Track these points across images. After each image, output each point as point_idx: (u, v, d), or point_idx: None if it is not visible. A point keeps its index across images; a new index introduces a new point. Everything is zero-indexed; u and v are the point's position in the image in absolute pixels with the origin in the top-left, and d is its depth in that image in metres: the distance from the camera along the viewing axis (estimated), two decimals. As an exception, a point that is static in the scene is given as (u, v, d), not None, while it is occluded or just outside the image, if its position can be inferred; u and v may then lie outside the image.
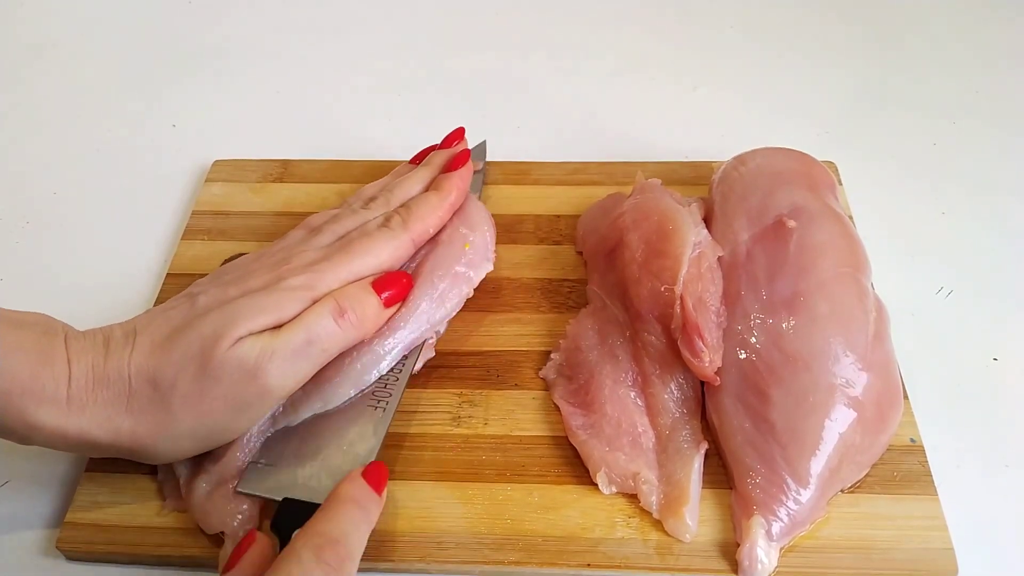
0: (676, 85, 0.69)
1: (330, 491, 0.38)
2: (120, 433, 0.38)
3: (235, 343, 0.38)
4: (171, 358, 0.38)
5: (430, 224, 0.48)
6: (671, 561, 0.40)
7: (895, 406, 0.43)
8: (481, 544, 0.41)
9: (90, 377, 0.38)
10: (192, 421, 0.39)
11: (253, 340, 0.39)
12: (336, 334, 0.41)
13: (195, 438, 0.40)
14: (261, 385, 0.39)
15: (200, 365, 0.38)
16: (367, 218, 0.47)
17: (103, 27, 0.77)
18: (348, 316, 0.41)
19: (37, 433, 0.38)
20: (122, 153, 0.65)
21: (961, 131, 0.64)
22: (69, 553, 0.42)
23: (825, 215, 0.48)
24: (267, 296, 0.41)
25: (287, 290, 0.41)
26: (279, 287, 0.41)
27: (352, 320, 0.42)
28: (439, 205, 0.48)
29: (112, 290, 0.55)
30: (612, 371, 0.46)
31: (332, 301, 0.41)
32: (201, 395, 0.38)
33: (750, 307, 0.45)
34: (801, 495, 0.40)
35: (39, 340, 0.38)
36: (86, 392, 0.38)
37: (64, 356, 0.38)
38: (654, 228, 0.48)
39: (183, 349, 0.39)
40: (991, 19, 0.74)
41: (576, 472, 0.44)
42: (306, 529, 0.36)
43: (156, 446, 0.39)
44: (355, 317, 0.42)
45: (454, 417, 0.46)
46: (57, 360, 0.38)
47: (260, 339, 0.39)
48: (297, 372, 0.40)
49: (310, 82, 0.71)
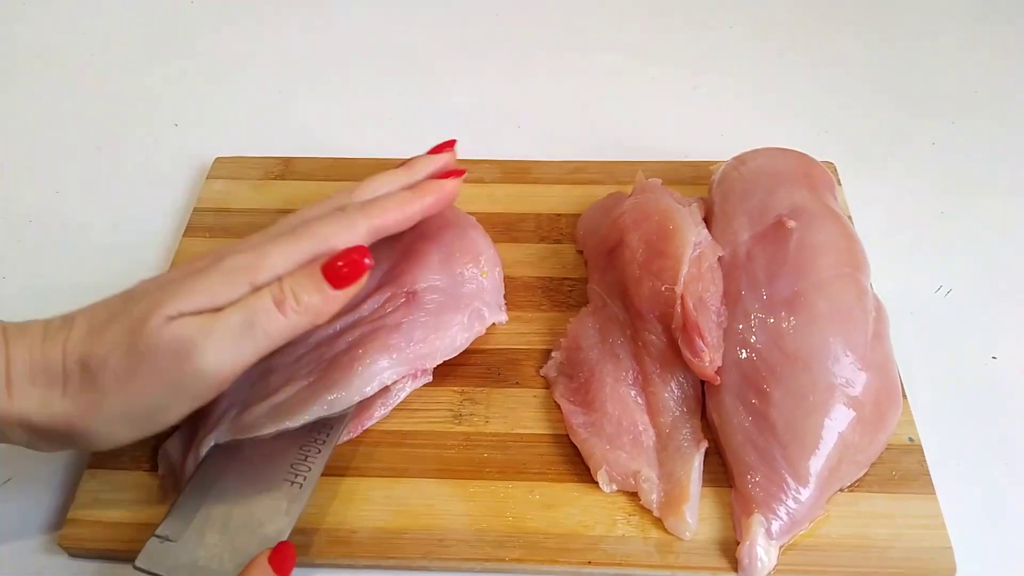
0: (676, 85, 0.69)
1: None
2: (55, 417, 0.37)
3: (169, 321, 0.37)
4: (104, 338, 0.38)
5: (391, 217, 0.43)
6: (671, 559, 0.41)
7: (894, 405, 0.43)
8: (482, 541, 0.41)
9: (26, 361, 0.37)
10: (123, 402, 0.38)
11: (189, 319, 0.38)
12: (279, 319, 0.39)
13: (129, 420, 0.38)
14: (195, 365, 0.37)
15: (131, 343, 0.37)
16: (326, 208, 0.44)
17: (105, 25, 0.76)
18: (290, 302, 0.39)
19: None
20: (124, 151, 0.65)
21: (961, 131, 0.64)
22: (71, 550, 0.43)
23: (825, 215, 0.48)
24: (203, 276, 0.39)
25: (225, 272, 0.39)
26: (217, 268, 0.40)
27: (292, 306, 0.39)
28: (407, 202, 0.44)
29: (114, 289, 0.54)
30: (613, 369, 0.46)
31: (276, 285, 0.39)
32: (131, 374, 0.37)
33: (750, 307, 0.45)
34: (801, 494, 0.40)
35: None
36: (23, 377, 0.37)
37: (3, 342, 0.38)
38: (654, 228, 0.48)
39: (114, 329, 0.38)
40: (991, 19, 0.74)
41: (577, 470, 0.44)
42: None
43: (89, 428, 0.38)
44: (296, 303, 0.39)
45: (455, 415, 0.46)
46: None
47: (197, 319, 0.38)
48: (237, 355, 0.38)
49: (311, 80, 0.71)
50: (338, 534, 0.42)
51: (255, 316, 0.38)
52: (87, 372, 0.37)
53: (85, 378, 0.37)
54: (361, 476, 0.44)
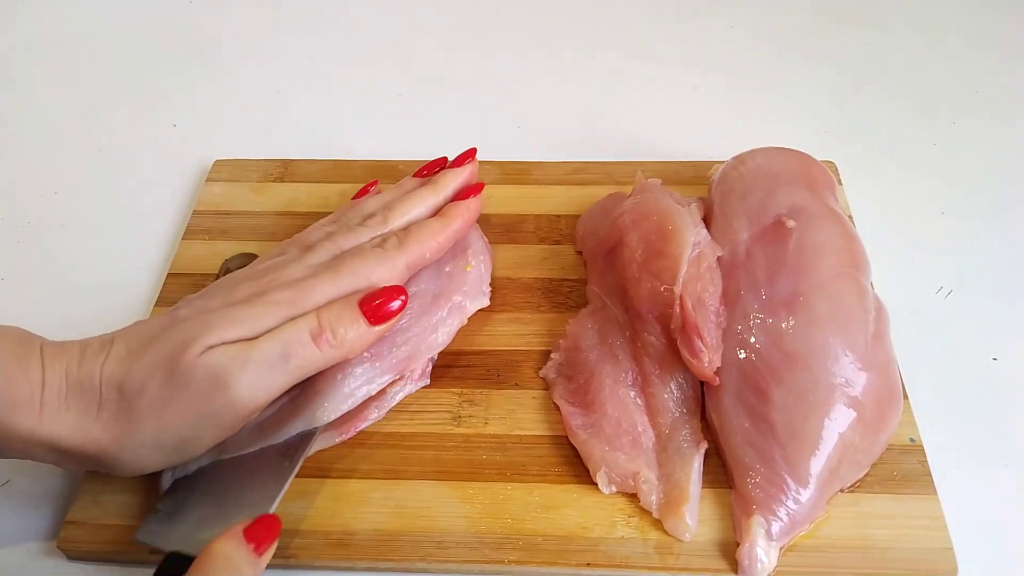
0: (676, 85, 0.69)
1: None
2: (87, 441, 0.37)
3: (205, 351, 0.38)
4: (141, 364, 0.38)
5: (428, 250, 0.45)
6: (671, 560, 0.40)
7: (895, 406, 0.43)
8: (481, 543, 0.41)
9: (63, 383, 0.38)
10: (156, 429, 0.38)
11: (224, 348, 0.38)
12: (313, 352, 0.39)
13: (160, 448, 0.38)
14: (229, 395, 0.37)
15: (168, 370, 0.37)
16: (363, 237, 0.45)
17: (104, 26, 0.77)
18: (326, 336, 0.39)
19: (11, 440, 0.37)
20: (123, 153, 0.65)
21: (961, 131, 0.64)
22: (70, 553, 0.42)
23: (825, 215, 0.48)
24: (246, 308, 0.40)
25: (267, 304, 0.40)
26: (260, 301, 0.40)
27: (329, 339, 0.39)
28: (440, 231, 0.46)
29: (113, 290, 0.55)
30: (612, 371, 0.46)
31: (313, 317, 0.40)
32: (167, 402, 0.37)
33: (750, 307, 0.45)
34: (801, 495, 0.40)
35: (15, 348, 0.38)
36: (59, 398, 0.37)
37: (39, 362, 0.38)
38: (654, 228, 0.48)
39: (153, 355, 0.38)
40: (991, 19, 0.74)
41: (576, 471, 0.44)
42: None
43: (119, 456, 0.38)
44: (333, 336, 0.40)
45: (454, 416, 0.46)
46: (32, 366, 0.37)
47: (232, 348, 0.38)
48: (269, 386, 0.38)
49: (311, 82, 0.71)
50: (337, 536, 0.42)
51: (290, 348, 0.39)
52: (123, 398, 0.38)
53: (120, 404, 0.38)
54: (360, 478, 0.44)
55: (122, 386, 0.38)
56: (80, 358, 0.38)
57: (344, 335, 0.40)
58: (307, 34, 0.75)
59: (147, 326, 0.40)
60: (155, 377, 0.37)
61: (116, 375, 0.38)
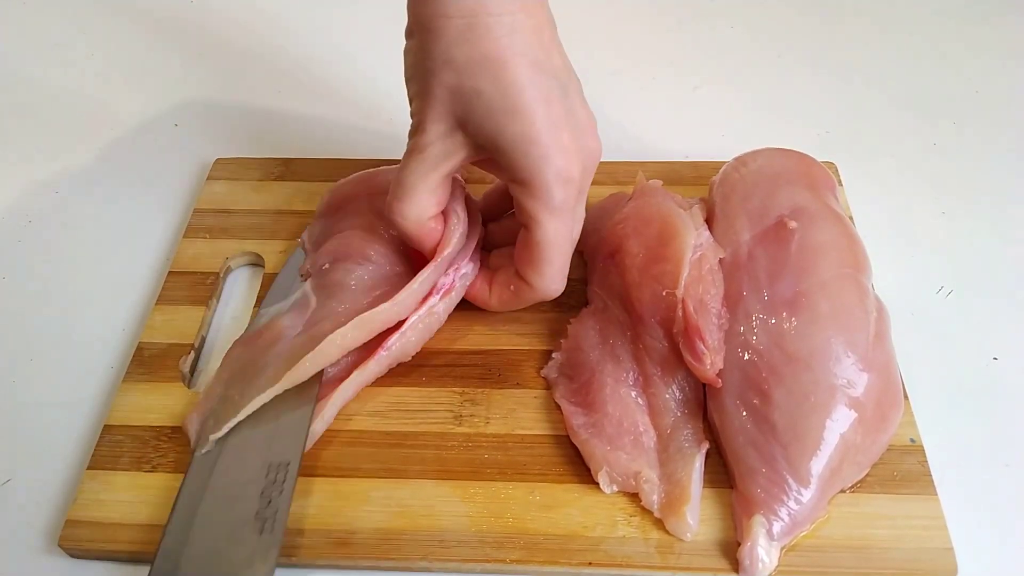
0: (677, 85, 0.69)
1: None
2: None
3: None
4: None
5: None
6: (672, 560, 0.41)
7: (895, 406, 0.43)
8: (483, 542, 0.41)
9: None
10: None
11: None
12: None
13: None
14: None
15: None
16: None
17: (104, 26, 0.77)
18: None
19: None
20: (124, 151, 0.65)
21: (961, 131, 0.64)
22: (71, 551, 0.42)
23: (826, 216, 0.48)
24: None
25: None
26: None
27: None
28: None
29: (114, 288, 0.55)
30: (613, 370, 0.46)
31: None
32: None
33: (751, 308, 0.45)
34: (802, 495, 0.40)
35: None
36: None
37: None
38: (654, 234, 0.48)
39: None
40: (991, 19, 0.74)
41: (577, 471, 0.44)
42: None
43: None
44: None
45: (456, 416, 0.46)
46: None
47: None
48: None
49: (311, 81, 0.71)
50: (338, 535, 0.42)
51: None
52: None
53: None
54: (362, 477, 0.44)
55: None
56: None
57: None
58: (307, 34, 0.75)
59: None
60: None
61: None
